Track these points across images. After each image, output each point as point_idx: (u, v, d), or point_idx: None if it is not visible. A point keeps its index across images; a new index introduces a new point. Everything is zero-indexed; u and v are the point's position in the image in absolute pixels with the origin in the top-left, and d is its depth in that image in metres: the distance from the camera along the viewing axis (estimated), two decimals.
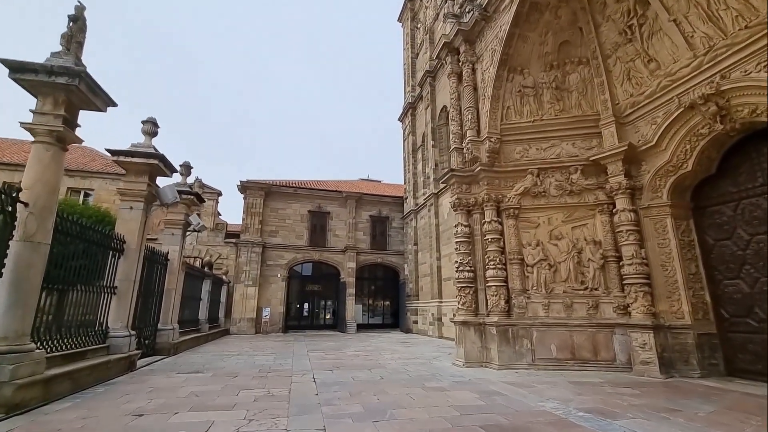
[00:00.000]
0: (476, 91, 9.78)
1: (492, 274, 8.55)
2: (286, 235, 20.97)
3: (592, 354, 7.75)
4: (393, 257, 22.27)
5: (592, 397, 5.47)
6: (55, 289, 5.70)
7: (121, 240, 7.58)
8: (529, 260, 8.57)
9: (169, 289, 10.30)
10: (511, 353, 8.01)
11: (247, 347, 12.35)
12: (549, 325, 8.06)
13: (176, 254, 10.56)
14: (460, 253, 9.11)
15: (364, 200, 22.67)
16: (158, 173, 8.36)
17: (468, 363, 8.19)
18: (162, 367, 8.11)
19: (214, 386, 6.10)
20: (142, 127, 8.42)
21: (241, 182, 20.32)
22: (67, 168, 18.38)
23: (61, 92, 5.28)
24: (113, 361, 6.77)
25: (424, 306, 18.02)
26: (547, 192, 8.78)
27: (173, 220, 10.76)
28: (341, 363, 8.83)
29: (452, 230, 16.27)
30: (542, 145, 9.07)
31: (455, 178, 9.35)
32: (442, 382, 6.54)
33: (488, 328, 8.35)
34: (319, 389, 5.93)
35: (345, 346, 12.88)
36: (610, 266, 8.06)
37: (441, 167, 18.17)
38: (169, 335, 9.99)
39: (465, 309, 8.71)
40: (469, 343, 8.39)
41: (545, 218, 8.82)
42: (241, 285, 19.11)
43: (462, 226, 9.20)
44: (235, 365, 8.41)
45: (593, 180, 8.51)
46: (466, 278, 8.87)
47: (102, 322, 7.05)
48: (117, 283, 7.45)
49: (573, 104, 8.93)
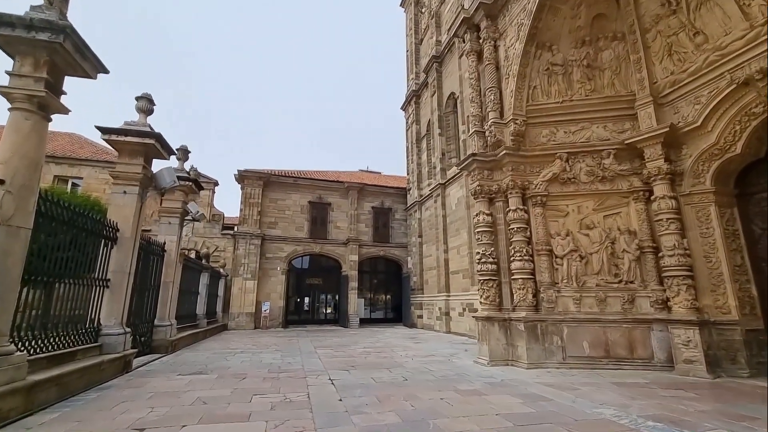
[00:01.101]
0: (498, 71, 9.10)
1: (518, 266, 7.95)
2: (286, 227, 20.21)
3: (628, 352, 7.21)
4: (396, 250, 21.64)
5: (649, 402, 4.90)
6: (38, 282, 4.96)
7: (114, 228, 6.83)
8: (559, 251, 7.98)
9: (166, 282, 9.56)
10: (540, 351, 7.44)
11: (250, 344, 11.67)
12: (581, 321, 7.49)
13: (174, 245, 9.80)
14: (481, 244, 8.48)
15: (366, 191, 21.96)
16: (154, 155, 7.59)
17: (493, 361, 7.61)
18: (161, 367, 7.41)
19: (222, 390, 5.43)
20: (137, 104, 7.63)
21: (239, 171, 19.48)
22: (53, 155, 17.46)
23: (43, 51, 4.51)
24: (106, 361, 6.05)
25: (431, 300, 17.45)
26: (576, 178, 8.17)
27: (170, 208, 9.99)
28: (354, 361, 8.21)
29: (460, 222, 15.76)
30: (571, 128, 8.45)
31: (476, 163, 8.69)
32: (473, 384, 5.93)
33: (514, 323, 7.76)
34: (341, 393, 5.29)
35: (352, 342, 12.26)
36: (646, 257, 7.50)
37: (448, 156, 17.54)
38: (166, 332, 9.28)
39: (488, 303, 8.11)
40: (494, 340, 7.80)
41: (575, 206, 8.22)
42: (239, 278, 18.36)
43: (484, 215, 8.56)
44: (240, 364, 7.74)
45: (627, 165, 7.91)
46: (488, 270, 8.26)
47: (93, 318, 6.32)
48: (110, 275, 6.71)
49: (605, 84, 8.29)
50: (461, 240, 15.25)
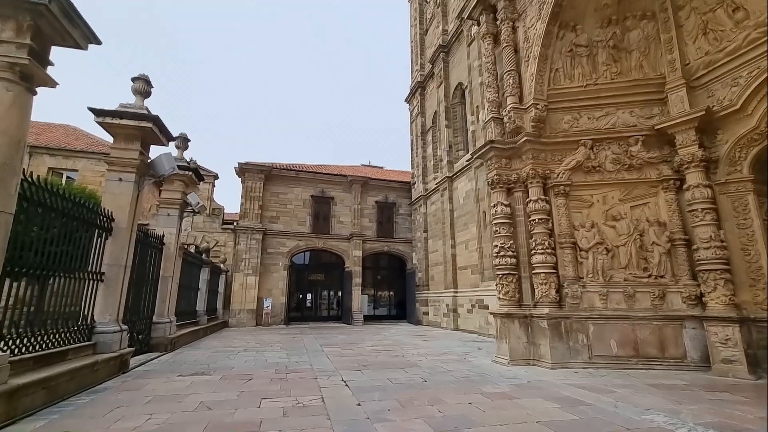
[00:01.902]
0: (517, 53, 8.59)
1: (540, 259, 7.48)
2: (288, 222, 19.70)
3: (659, 350, 6.76)
4: (400, 245, 21.16)
5: (699, 407, 4.44)
6: (24, 274, 4.47)
7: (109, 217, 6.33)
8: (583, 244, 7.51)
9: (165, 277, 9.07)
10: (564, 350, 6.99)
11: (252, 341, 11.20)
12: (608, 318, 7.04)
13: (173, 237, 9.30)
14: (499, 236, 8.01)
15: (370, 185, 21.45)
16: (152, 140, 7.08)
17: (513, 360, 7.16)
18: (159, 367, 6.94)
19: (227, 394, 4.96)
20: (133, 86, 7.11)
21: (239, 164, 18.94)
22: (47, 146, 16.91)
23: (27, 14, 3.98)
24: (101, 362, 5.57)
25: (437, 296, 17.00)
26: (601, 167, 7.69)
27: (169, 199, 9.48)
28: (365, 360, 7.75)
29: (469, 216, 15.28)
30: (595, 114, 7.96)
31: (494, 151, 8.20)
32: (499, 386, 5.48)
33: (536, 320, 7.30)
34: (358, 397, 4.83)
35: (359, 339, 11.81)
36: (677, 251, 7.04)
37: (455, 149, 17.05)
38: (165, 329, 8.80)
39: (507, 299, 7.65)
40: (514, 338, 7.34)
41: (600, 196, 7.75)
42: (240, 274, 17.87)
43: (502, 206, 8.08)
44: (244, 364, 7.27)
45: (656, 152, 7.44)
46: (507, 264, 7.79)
47: (86, 314, 5.84)
48: (104, 268, 6.22)
49: (632, 66, 7.80)
50: (470, 234, 14.79)
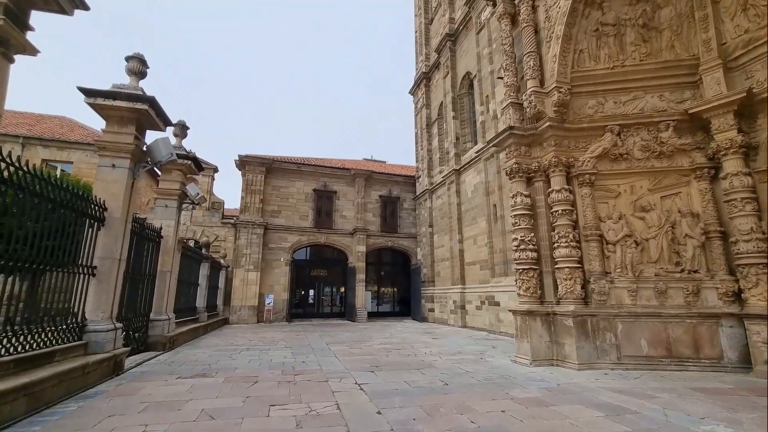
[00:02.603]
0: (537, 34, 8.07)
1: (564, 253, 7.00)
2: (290, 216, 19.19)
3: (693, 350, 6.30)
4: (404, 240, 20.68)
5: (759, 415, 3.98)
6: (4, 268, 3.98)
7: (101, 206, 5.83)
8: (610, 236, 7.03)
9: (163, 272, 8.58)
10: (591, 349, 6.53)
11: (255, 339, 10.74)
12: (637, 316, 6.57)
13: (171, 230, 8.80)
14: (519, 229, 7.53)
15: (374, 179, 20.92)
16: (148, 124, 6.57)
17: (535, 361, 6.70)
18: (157, 367, 6.46)
19: (231, 399, 4.48)
20: (127, 65, 6.58)
21: (240, 156, 18.39)
22: (41, 137, 16.34)
23: None
24: (92, 363, 5.09)
25: (444, 293, 16.54)
26: (629, 154, 7.20)
27: (167, 189, 8.97)
28: (376, 360, 7.28)
29: (477, 210, 14.78)
30: (621, 98, 7.46)
31: (513, 137, 7.70)
32: (528, 390, 5.01)
33: (560, 318, 6.84)
34: (377, 403, 4.35)
35: (365, 337, 11.35)
36: (713, 243, 6.57)
37: (462, 141, 16.53)
38: (163, 327, 8.32)
39: (528, 296, 7.18)
40: (536, 337, 6.88)
41: (627, 186, 7.27)
42: (241, 269, 17.39)
43: (522, 196, 7.60)
44: (248, 364, 6.80)
45: (689, 139, 6.95)
46: (528, 259, 7.31)
47: (77, 312, 5.35)
48: (96, 261, 5.73)
49: (663, 46, 7.29)
50: (478, 229, 14.31)
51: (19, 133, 16.09)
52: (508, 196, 12.29)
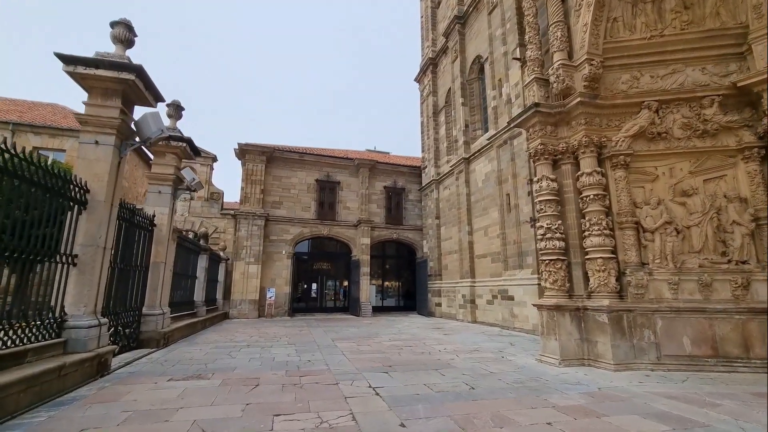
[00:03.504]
0: (565, 2, 7.35)
1: (596, 242, 6.35)
2: (291, 207, 18.53)
3: (742, 350, 5.67)
4: (410, 233, 20.03)
5: None
6: None
7: (83, 187, 5.18)
8: (648, 224, 6.37)
9: (156, 263, 7.95)
10: (627, 348, 5.90)
11: (256, 335, 10.14)
12: (679, 311, 5.93)
13: (165, 218, 8.16)
14: (545, 216, 6.87)
15: (378, 169, 20.22)
16: (136, 98, 5.92)
17: (564, 360, 6.08)
18: (148, 367, 5.84)
19: (229, 407, 3.86)
20: (112, 32, 5.90)
21: (240, 145, 17.69)
22: (32, 124, 15.69)
23: None
24: (71, 364, 4.47)
25: (452, 287, 15.93)
26: (668, 133, 6.52)
27: (160, 174, 8.31)
28: (388, 359, 6.67)
29: (489, 200, 14.09)
30: (659, 72, 6.76)
31: (539, 116, 7.01)
32: (569, 396, 4.39)
33: (591, 314, 6.21)
34: (398, 413, 3.73)
35: (372, 333, 10.75)
36: (763, 231, 5.91)
37: (472, 128, 15.82)
38: (157, 322, 7.70)
39: (556, 289, 6.55)
40: (565, 335, 6.26)
41: (665, 168, 6.59)
42: (241, 262, 16.77)
43: (548, 180, 6.93)
44: (248, 364, 6.19)
45: (735, 116, 6.26)
46: (555, 249, 6.67)
47: (54, 306, 4.73)
48: (78, 249, 5.10)
49: (707, 13, 6.57)
50: (489, 220, 13.65)
51: (8, 120, 15.41)
52: (524, 184, 11.69)
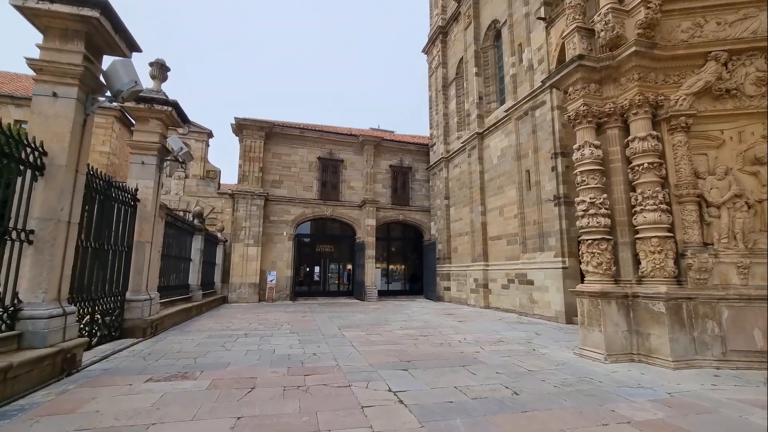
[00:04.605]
0: None
1: (650, 218, 5.42)
2: (292, 187, 17.57)
3: None
4: (417, 214, 19.10)
5: None
6: None
7: (37, 148, 4.24)
8: (713, 197, 5.42)
9: (141, 243, 7.06)
10: (687, 342, 5.03)
11: (255, 321, 9.35)
12: (750, 299, 5.04)
13: (150, 192, 7.22)
14: (587, 189, 5.92)
15: (384, 147, 19.14)
16: (103, 43, 4.90)
17: (611, 355, 5.24)
18: (127, 363, 5.01)
19: (215, 423, 3.01)
20: None
21: (236, 120, 16.60)
22: (13, 95, 14.65)
23: None
24: (23, 364, 3.61)
25: (462, 270, 15.09)
26: (738, 90, 5.50)
27: (143, 143, 7.33)
28: (404, 352, 5.84)
29: (505, 177, 13.02)
30: (727, 17, 5.68)
31: (582, 71, 5.98)
32: (638, 405, 3.53)
33: (643, 302, 5.32)
34: (431, 430, 2.88)
35: (381, 320, 9.95)
36: None
37: (486, 101, 14.67)
38: (143, 308, 6.86)
39: (601, 273, 5.65)
40: (611, 326, 5.39)
41: (734, 132, 5.59)
42: (240, 244, 15.93)
43: (591, 148, 5.95)
44: (244, 358, 5.36)
45: None
46: (599, 227, 5.74)
47: (3, 292, 3.85)
48: (34, 224, 4.19)
49: None
50: (506, 199, 12.68)
51: None
52: (546, 159, 10.66)
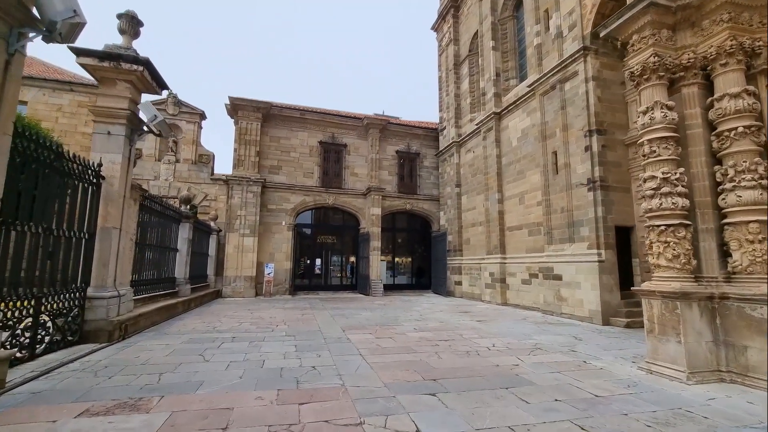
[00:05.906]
0: None
1: (748, 197, 4.21)
2: (292, 173, 16.36)
3: None
4: (425, 203, 17.89)
5: None
6: None
7: None
8: None
9: (107, 229, 5.89)
10: None
11: (247, 320, 8.21)
12: None
13: (118, 168, 6.03)
14: (657, 161, 4.70)
15: (390, 131, 17.86)
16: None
17: (695, 373, 4.07)
18: (68, 382, 3.85)
19: None
20: None
21: (231, 99, 15.33)
22: None
23: None
24: None
25: (476, 263, 13.91)
26: None
27: (108, 109, 6.11)
28: (427, 365, 4.68)
29: (526, 161, 11.67)
30: None
31: (652, 12, 4.72)
32: None
33: (736, 306, 4.14)
34: None
35: (391, 318, 8.80)
36: None
37: (504, 78, 13.35)
38: (109, 307, 5.72)
39: (677, 268, 4.45)
40: (693, 335, 4.21)
41: None
42: (235, 234, 14.78)
43: (663, 110, 4.71)
44: (225, 373, 4.20)
45: None
46: (675, 209, 4.54)
47: None
48: None
49: None
50: (527, 185, 11.45)
51: None
52: (578, 138, 9.36)
